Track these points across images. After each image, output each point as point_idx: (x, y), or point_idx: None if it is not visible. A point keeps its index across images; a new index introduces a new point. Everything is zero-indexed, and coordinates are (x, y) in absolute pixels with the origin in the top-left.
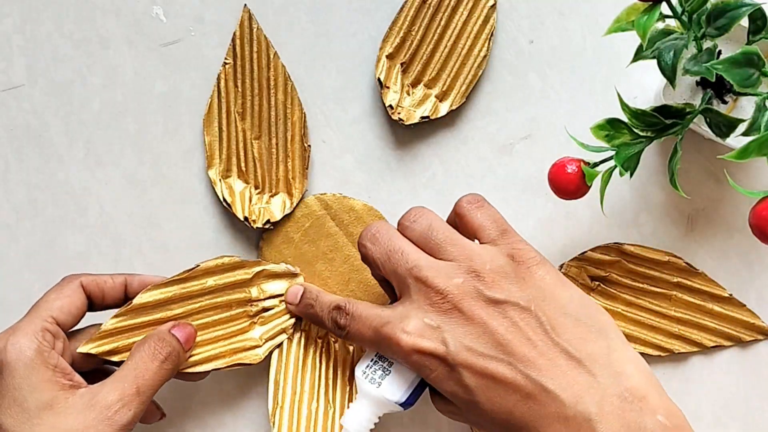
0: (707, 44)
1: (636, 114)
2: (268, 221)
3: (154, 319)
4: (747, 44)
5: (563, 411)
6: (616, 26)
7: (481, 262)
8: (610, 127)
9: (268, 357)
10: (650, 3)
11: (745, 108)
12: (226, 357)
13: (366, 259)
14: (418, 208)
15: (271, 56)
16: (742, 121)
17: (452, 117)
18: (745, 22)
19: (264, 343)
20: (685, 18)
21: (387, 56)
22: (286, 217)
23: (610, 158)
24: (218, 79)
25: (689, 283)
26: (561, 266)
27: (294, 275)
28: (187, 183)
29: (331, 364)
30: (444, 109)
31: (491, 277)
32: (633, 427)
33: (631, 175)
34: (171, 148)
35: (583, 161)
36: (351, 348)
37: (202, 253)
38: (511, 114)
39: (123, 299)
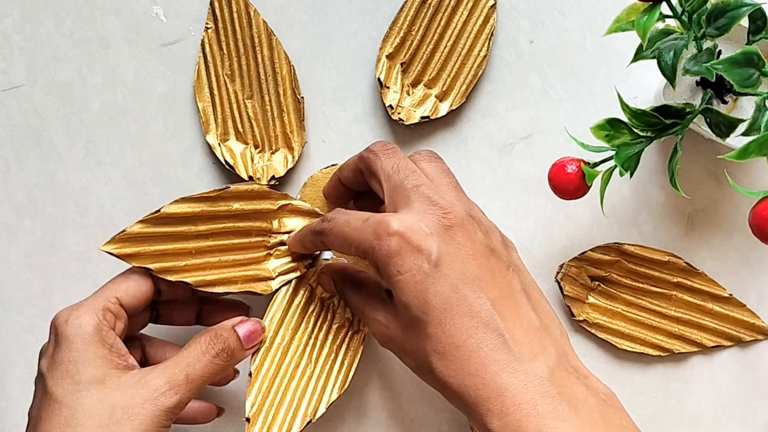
0: (707, 44)
1: (636, 114)
2: (273, 177)
3: (178, 231)
4: (747, 44)
5: (515, 363)
6: (616, 26)
7: (479, 215)
8: (610, 127)
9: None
10: (650, 3)
11: (745, 108)
12: (239, 283)
13: (370, 167)
14: (433, 152)
15: (252, 14)
16: (742, 121)
17: (452, 117)
18: (745, 22)
19: (276, 276)
20: (685, 18)
21: (387, 56)
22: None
23: (610, 158)
24: (202, 44)
25: (689, 283)
26: (561, 266)
27: (318, 215)
28: (187, 183)
29: (321, 320)
30: (444, 109)
31: (485, 228)
32: (581, 397)
33: (631, 175)
34: (171, 148)
35: (583, 161)
36: (349, 316)
37: None
38: (511, 114)
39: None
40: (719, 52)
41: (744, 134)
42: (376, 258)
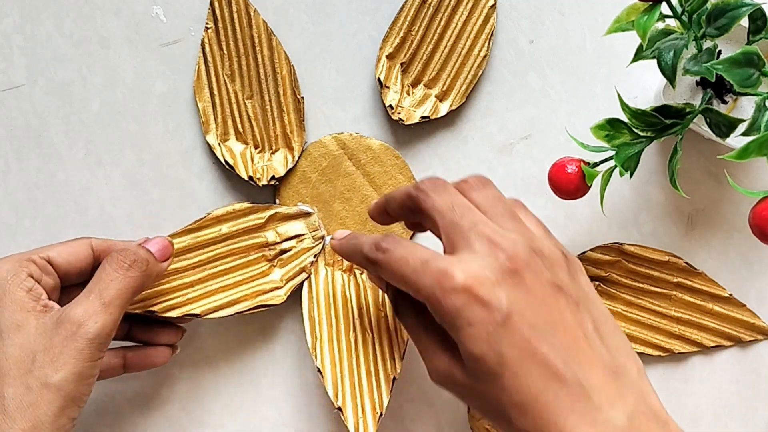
0: (707, 44)
1: (636, 114)
2: (273, 177)
3: (172, 269)
4: (747, 44)
5: (593, 413)
6: (616, 26)
7: (540, 244)
8: (610, 127)
9: (293, 297)
10: (650, 3)
11: (745, 108)
12: (248, 300)
13: (420, 206)
14: (482, 177)
15: (252, 14)
16: (742, 121)
17: (452, 117)
18: (745, 22)
19: (285, 284)
20: (685, 18)
21: (387, 56)
22: (303, 158)
23: (610, 158)
24: (202, 44)
25: (689, 283)
26: None
27: (308, 214)
28: (187, 183)
29: (362, 294)
30: (444, 109)
31: (549, 262)
32: None
33: (631, 175)
34: (171, 148)
35: (583, 161)
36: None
37: None
38: (511, 114)
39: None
40: (719, 52)
41: (744, 134)
42: (442, 312)
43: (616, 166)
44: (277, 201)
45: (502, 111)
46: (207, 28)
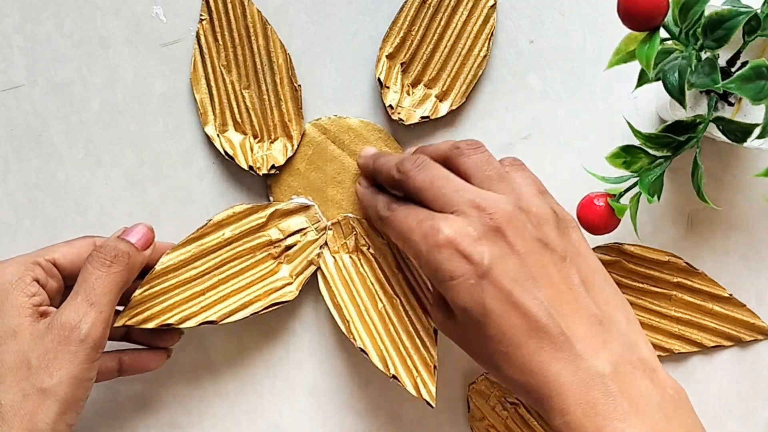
0: (705, 54)
1: (649, 137)
2: (273, 166)
3: (181, 279)
4: (743, 45)
5: (576, 361)
6: (616, 58)
7: (528, 203)
8: (626, 154)
9: (306, 290)
10: (649, 32)
11: (750, 106)
12: (261, 300)
13: (406, 187)
14: (474, 141)
15: (246, 3)
16: (756, 125)
17: (452, 117)
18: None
19: (295, 279)
20: (683, 37)
21: (387, 56)
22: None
23: (634, 185)
24: (197, 36)
25: (689, 283)
26: None
27: (306, 207)
28: (187, 183)
29: (375, 266)
30: (444, 109)
31: (536, 219)
32: (644, 394)
33: (659, 198)
34: (171, 148)
35: (609, 195)
36: (385, 246)
37: None
38: (511, 114)
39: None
40: (717, 57)
41: (759, 137)
42: (427, 266)
43: (640, 193)
44: (271, 198)
45: (502, 111)
46: (201, 20)
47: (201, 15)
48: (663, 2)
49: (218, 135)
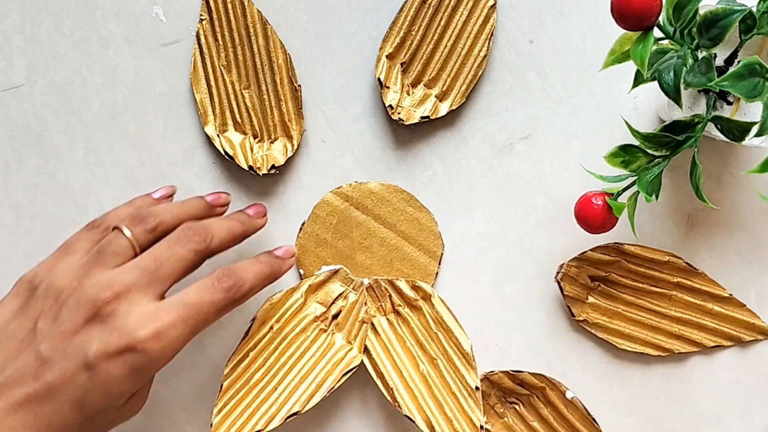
0: (702, 53)
1: (648, 137)
2: (273, 166)
3: (251, 385)
4: (740, 44)
5: None
6: (611, 59)
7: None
8: (625, 153)
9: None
10: (642, 32)
11: (750, 104)
12: (331, 375)
13: None
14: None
15: (246, 3)
16: (754, 124)
17: (452, 117)
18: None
19: (354, 342)
20: (678, 36)
21: (387, 56)
22: (311, 221)
23: (632, 184)
24: (197, 36)
25: (689, 283)
26: (561, 266)
27: (335, 272)
28: (187, 183)
29: (413, 326)
30: (444, 109)
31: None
32: None
33: (657, 197)
34: (171, 148)
35: (607, 194)
36: (419, 302)
37: None
38: (511, 114)
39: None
40: (714, 56)
41: (757, 135)
42: None
43: (639, 192)
44: (301, 271)
45: (502, 111)
46: (201, 20)
47: (201, 15)
48: (656, 2)
49: (218, 135)
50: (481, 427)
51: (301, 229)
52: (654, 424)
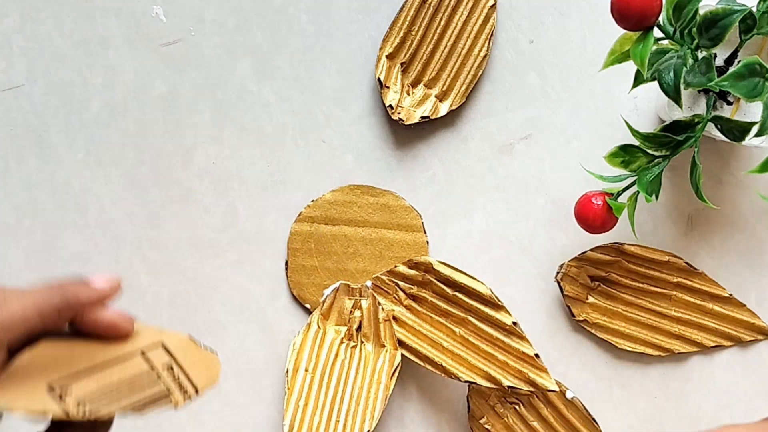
0: (702, 53)
1: (648, 137)
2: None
3: (316, 430)
4: (740, 44)
5: None
6: (611, 59)
7: None
8: (624, 153)
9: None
10: (642, 32)
11: (750, 104)
12: (381, 382)
13: None
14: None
15: None
16: (754, 124)
17: (452, 117)
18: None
19: (388, 344)
20: (678, 36)
21: (387, 56)
22: (291, 255)
23: (632, 184)
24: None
25: (689, 283)
26: (561, 266)
27: (336, 289)
28: (187, 183)
29: (433, 300)
30: (444, 109)
31: None
32: None
33: (657, 197)
34: (171, 148)
35: (607, 194)
36: (425, 276)
37: (202, 252)
38: (511, 114)
39: None
40: (714, 56)
41: (757, 135)
42: None
43: (639, 192)
44: (307, 306)
45: (502, 111)
46: None
47: None
48: (656, 2)
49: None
50: (536, 355)
51: (286, 268)
52: (654, 424)
